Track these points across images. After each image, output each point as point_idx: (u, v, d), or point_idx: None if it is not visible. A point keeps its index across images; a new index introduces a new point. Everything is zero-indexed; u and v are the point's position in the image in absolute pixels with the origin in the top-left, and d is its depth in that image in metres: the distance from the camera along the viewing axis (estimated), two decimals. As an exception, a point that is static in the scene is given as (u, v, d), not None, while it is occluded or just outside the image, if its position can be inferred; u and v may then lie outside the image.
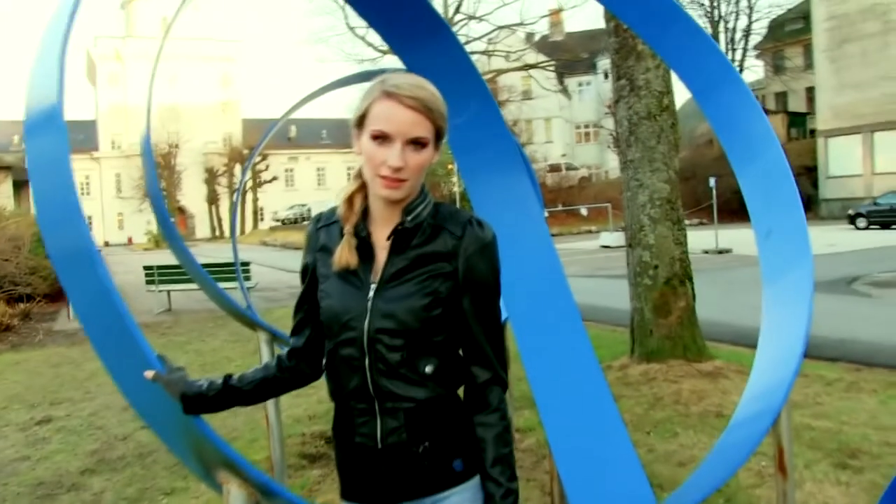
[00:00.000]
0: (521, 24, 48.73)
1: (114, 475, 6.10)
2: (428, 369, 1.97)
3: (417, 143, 1.90)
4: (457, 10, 45.91)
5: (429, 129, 1.91)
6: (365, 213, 2.03)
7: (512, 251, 2.45)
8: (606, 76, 62.69)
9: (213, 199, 74.11)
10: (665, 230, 8.48)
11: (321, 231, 2.11)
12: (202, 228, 76.87)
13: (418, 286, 1.96)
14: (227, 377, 2.15)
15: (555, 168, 55.38)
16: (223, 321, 14.37)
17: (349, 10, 42.66)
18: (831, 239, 26.82)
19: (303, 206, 64.99)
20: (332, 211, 2.11)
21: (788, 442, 3.69)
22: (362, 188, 2.02)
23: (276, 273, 27.00)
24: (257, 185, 72.74)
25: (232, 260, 6.82)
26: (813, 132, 48.52)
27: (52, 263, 2.15)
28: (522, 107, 55.86)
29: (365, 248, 2.01)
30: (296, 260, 2.04)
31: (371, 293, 1.97)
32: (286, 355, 2.19)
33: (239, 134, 78.82)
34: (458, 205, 1.99)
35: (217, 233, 72.20)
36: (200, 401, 2.08)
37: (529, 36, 59.40)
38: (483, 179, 3.80)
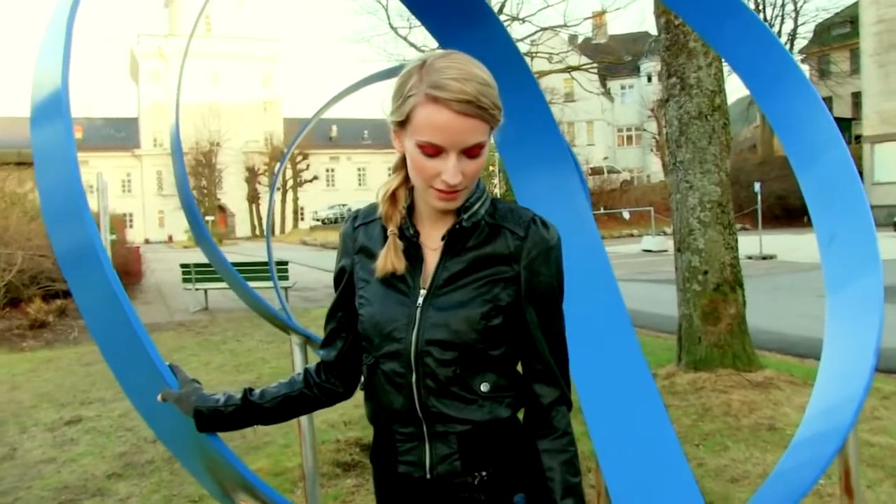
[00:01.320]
0: (564, 25, 48.41)
1: (141, 480, 5.92)
2: (484, 387, 1.72)
3: (473, 148, 1.63)
4: (500, 11, 45.74)
5: (484, 130, 1.62)
6: (409, 208, 1.79)
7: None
8: (649, 79, 62.49)
9: (253, 198, 74.50)
10: (715, 234, 8.17)
11: (359, 230, 1.86)
12: (243, 227, 77.33)
13: (476, 292, 1.71)
14: (248, 391, 1.91)
15: (596, 171, 54.87)
16: (259, 321, 14.22)
17: (392, 9, 42.78)
18: (878, 246, 26.21)
19: (343, 206, 65.20)
20: (372, 208, 1.86)
21: (855, 461, 3.44)
22: (406, 182, 1.77)
23: (315, 272, 26.94)
24: (298, 184, 73.09)
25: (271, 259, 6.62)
26: (858, 138, 47.72)
27: (58, 261, 1.97)
28: (565, 109, 55.65)
29: (413, 250, 1.77)
30: (334, 260, 1.85)
31: (420, 300, 1.73)
32: (315, 370, 1.95)
33: (280, 133, 79.46)
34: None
35: (257, 231, 72.54)
36: (216, 418, 1.85)
37: (572, 38, 59.27)
38: (530, 174, 3.58)
